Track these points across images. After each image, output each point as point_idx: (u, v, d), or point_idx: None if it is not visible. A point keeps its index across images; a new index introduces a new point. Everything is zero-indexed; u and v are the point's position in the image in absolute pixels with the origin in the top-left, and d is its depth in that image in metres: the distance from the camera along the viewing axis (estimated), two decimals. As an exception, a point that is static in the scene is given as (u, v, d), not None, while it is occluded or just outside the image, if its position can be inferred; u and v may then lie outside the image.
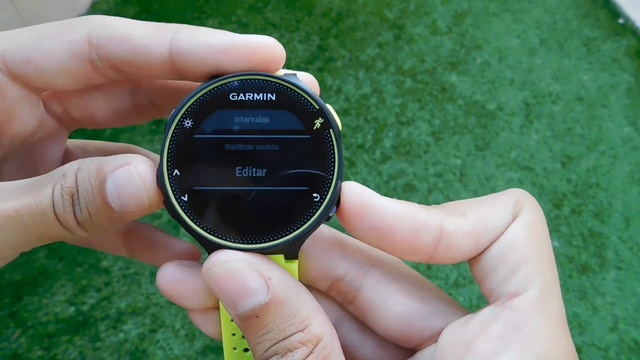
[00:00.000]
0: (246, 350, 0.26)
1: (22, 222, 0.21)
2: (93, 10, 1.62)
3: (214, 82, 0.22)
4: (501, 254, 0.23)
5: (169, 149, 0.22)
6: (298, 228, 0.23)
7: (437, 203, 1.24)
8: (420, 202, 1.09)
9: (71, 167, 0.22)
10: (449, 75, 1.46)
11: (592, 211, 1.22)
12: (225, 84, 0.22)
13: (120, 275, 1.10)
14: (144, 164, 0.22)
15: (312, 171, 0.23)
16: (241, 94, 0.22)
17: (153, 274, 1.10)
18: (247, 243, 0.23)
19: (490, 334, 0.22)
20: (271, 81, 0.23)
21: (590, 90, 1.44)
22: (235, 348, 0.26)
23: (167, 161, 0.22)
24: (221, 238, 0.23)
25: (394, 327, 0.25)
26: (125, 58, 0.23)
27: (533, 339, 0.21)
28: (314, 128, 0.23)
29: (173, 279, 0.24)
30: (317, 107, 0.23)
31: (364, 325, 0.27)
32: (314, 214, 0.23)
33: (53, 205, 0.21)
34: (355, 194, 0.23)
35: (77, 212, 0.22)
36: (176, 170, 0.22)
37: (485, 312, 0.23)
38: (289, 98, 0.23)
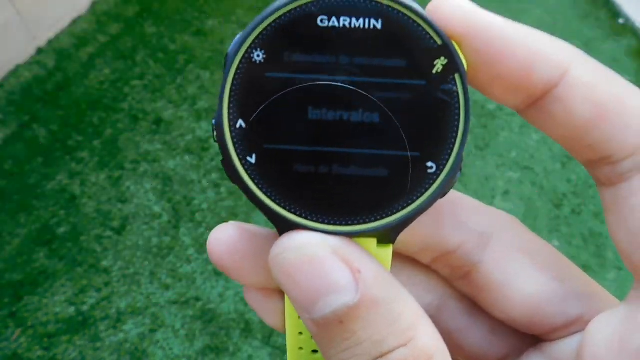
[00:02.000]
0: (315, 351, 0.21)
1: None
2: (93, 10, 1.62)
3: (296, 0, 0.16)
4: None
5: (231, 90, 0.17)
6: (403, 208, 0.17)
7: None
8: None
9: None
10: (449, 75, 1.46)
11: (592, 211, 1.22)
12: (312, 2, 0.16)
13: (120, 275, 1.10)
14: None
15: (428, 131, 0.17)
16: (334, 18, 0.16)
17: (153, 274, 1.10)
18: (334, 224, 0.17)
19: None
20: (377, 2, 0.16)
21: (590, 90, 1.44)
22: (301, 348, 0.20)
23: (229, 108, 0.17)
24: (299, 215, 0.17)
25: (519, 310, 0.19)
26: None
27: None
28: (434, 72, 0.16)
29: (228, 245, 0.19)
30: (440, 43, 0.16)
31: (472, 305, 0.21)
32: (426, 190, 0.17)
33: None
34: (457, 8, 0.17)
35: None
36: (241, 121, 0.17)
37: None
38: (402, 27, 0.16)
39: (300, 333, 0.20)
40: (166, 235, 1.15)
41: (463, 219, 0.20)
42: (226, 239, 0.19)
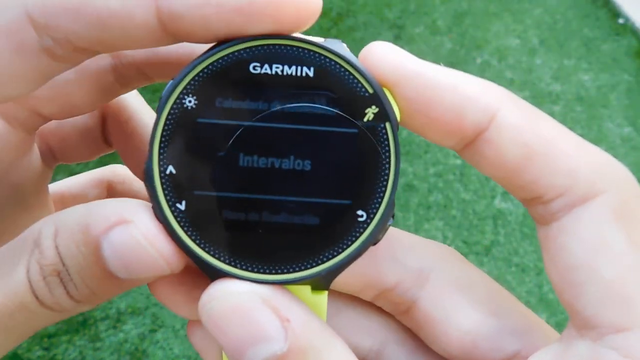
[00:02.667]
0: None
1: (1, 326, 0.16)
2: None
3: (229, 46, 0.16)
4: (589, 260, 0.16)
5: (162, 136, 0.16)
6: (333, 256, 0.17)
7: (437, 203, 1.25)
8: (420, 202, 1.09)
9: (44, 231, 0.16)
10: (449, 75, 1.46)
11: (592, 211, 1.22)
12: (245, 49, 0.16)
13: (120, 275, 1.10)
14: (148, 218, 0.16)
15: (358, 179, 0.17)
16: (267, 65, 0.16)
17: (153, 274, 1.10)
18: (264, 272, 0.17)
19: None
20: (309, 50, 0.17)
21: (590, 90, 1.44)
22: None
23: (159, 153, 0.16)
24: (228, 263, 0.17)
25: (457, 347, 0.20)
26: (92, 36, 0.16)
27: None
28: (365, 120, 0.17)
29: (167, 282, 0.19)
30: (372, 91, 0.17)
31: (415, 347, 0.22)
32: (357, 238, 0.17)
33: (34, 293, 0.16)
34: (388, 56, 0.17)
35: (71, 291, 0.17)
36: (170, 167, 0.16)
37: (581, 350, 0.16)
38: (333, 75, 0.17)
39: None
40: (166, 235, 1.15)
41: (400, 256, 0.20)
42: (167, 281, 0.19)
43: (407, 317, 0.21)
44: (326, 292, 0.18)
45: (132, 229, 0.16)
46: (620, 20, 1.59)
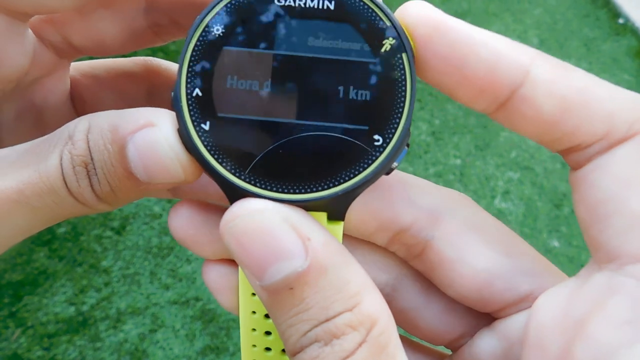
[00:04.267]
0: (268, 333, 0.21)
1: (30, 205, 0.17)
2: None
3: None
4: (618, 193, 0.16)
5: (190, 60, 0.18)
6: (350, 178, 0.18)
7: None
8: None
9: (79, 126, 0.17)
10: (449, 75, 1.46)
11: (592, 211, 1.22)
12: None
13: (120, 275, 1.10)
14: (172, 125, 0.17)
15: (376, 106, 0.18)
16: None
17: (153, 274, 1.10)
18: (283, 192, 0.17)
19: (611, 315, 0.16)
20: None
21: (590, 90, 1.44)
22: (254, 329, 0.21)
23: (187, 76, 0.18)
24: (250, 182, 0.17)
25: (470, 287, 0.20)
26: None
27: None
28: (382, 50, 0.18)
29: (184, 219, 0.19)
30: (389, 24, 0.18)
31: (427, 284, 0.22)
32: (373, 161, 0.18)
33: (64, 179, 0.17)
34: (423, 12, 0.17)
35: (95, 185, 0.17)
36: (197, 90, 0.18)
37: (598, 280, 0.17)
38: (353, 8, 0.18)
39: (254, 312, 0.20)
40: (166, 235, 1.15)
41: (414, 198, 0.20)
42: (183, 213, 0.20)
43: (420, 260, 0.21)
44: (342, 223, 0.19)
45: (156, 131, 0.17)
46: (620, 20, 1.59)
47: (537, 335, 0.18)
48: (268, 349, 0.21)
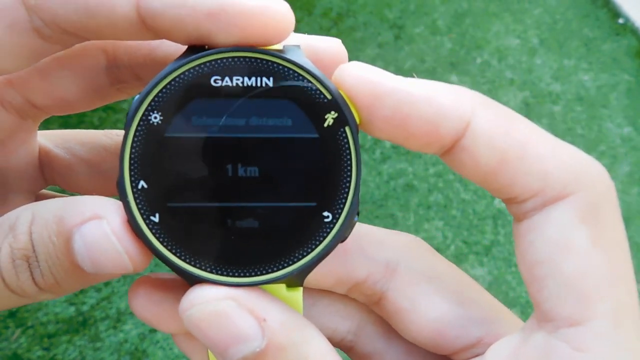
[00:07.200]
0: None
1: None
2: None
3: (190, 61, 0.17)
4: (552, 257, 0.17)
5: (131, 152, 0.17)
6: (303, 256, 0.18)
7: (437, 203, 1.25)
8: (420, 202, 1.09)
9: (21, 218, 0.17)
10: (449, 75, 1.46)
11: (592, 211, 1.22)
12: (205, 63, 0.17)
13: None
14: (119, 216, 0.17)
15: (322, 182, 0.18)
16: (227, 78, 0.17)
17: (153, 274, 1.10)
18: (239, 276, 0.18)
19: None
20: (266, 60, 0.17)
21: (590, 90, 1.44)
22: None
23: (130, 169, 0.17)
24: (204, 269, 0.18)
25: (424, 334, 0.21)
26: (78, 21, 0.17)
27: None
28: (325, 125, 0.17)
29: (144, 297, 0.20)
30: (330, 97, 0.17)
31: (388, 328, 0.23)
32: (325, 237, 0.18)
33: (1, 273, 0.17)
34: (361, 78, 0.17)
35: (37, 278, 0.17)
36: (142, 182, 0.17)
37: (537, 340, 0.17)
38: (292, 84, 0.17)
39: None
40: (166, 235, 1.15)
41: (368, 251, 0.21)
42: (142, 294, 0.20)
43: (379, 307, 0.22)
44: (301, 289, 0.19)
45: (103, 225, 0.17)
46: (620, 20, 1.59)
47: None
48: None
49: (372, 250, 0.21)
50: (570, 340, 0.17)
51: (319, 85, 0.17)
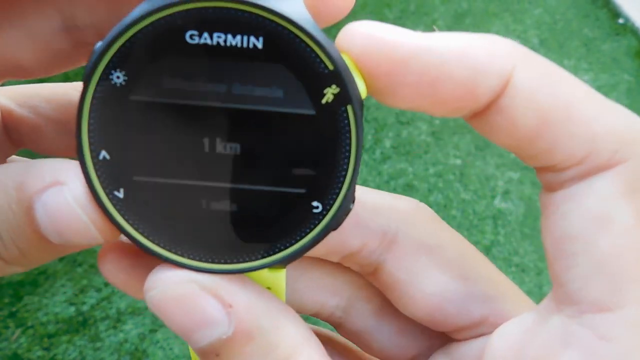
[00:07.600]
0: None
1: None
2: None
3: (160, 9, 0.13)
4: (589, 231, 0.15)
5: (90, 117, 0.14)
6: (286, 247, 0.15)
7: (437, 203, 1.25)
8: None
9: None
10: (449, 75, 1.46)
11: (592, 211, 1.22)
12: (179, 12, 0.14)
13: (120, 275, 1.10)
14: (82, 182, 0.15)
15: (314, 168, 0.15)
16: (206, 34, 0.14)
17: (153, 274, 1.10)
18: (208, 261, 0.15)
19: None
20: (255, 15, 0.14)
21: (590, 90, 1.44)
22: None
23: (90, 137, 0.14)
24: (172, 251, 0.15)
25: (422, 309, 0.19)
26: None
27: None
28: (323, 101, 0.14)
29: (116, 268, 0.18)
30: (332, 68, 0.14)
31: (381, 304, 0.21)
32: (312, 228, 0.15)
33: None
34: (374, 40, 0.14)
35: (0, 250, 0.16)
36: (104, 152, 0.14)
37: (555, 324, 0.15)
38: (286, 47, 0.14)
39: None
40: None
41: (364, 219, 0.19)
42: (111, 260, 0.18)
43: (374, 278, 0.20)
44: (284, 270, 0.17)
45: (65, 192, 0.15)
46: (620, 20, 1.59)
47: None
48: None
49: (368, 218, 0.19)
50: (595, 327, 0.14)
51: (318, 51, 0.14)
